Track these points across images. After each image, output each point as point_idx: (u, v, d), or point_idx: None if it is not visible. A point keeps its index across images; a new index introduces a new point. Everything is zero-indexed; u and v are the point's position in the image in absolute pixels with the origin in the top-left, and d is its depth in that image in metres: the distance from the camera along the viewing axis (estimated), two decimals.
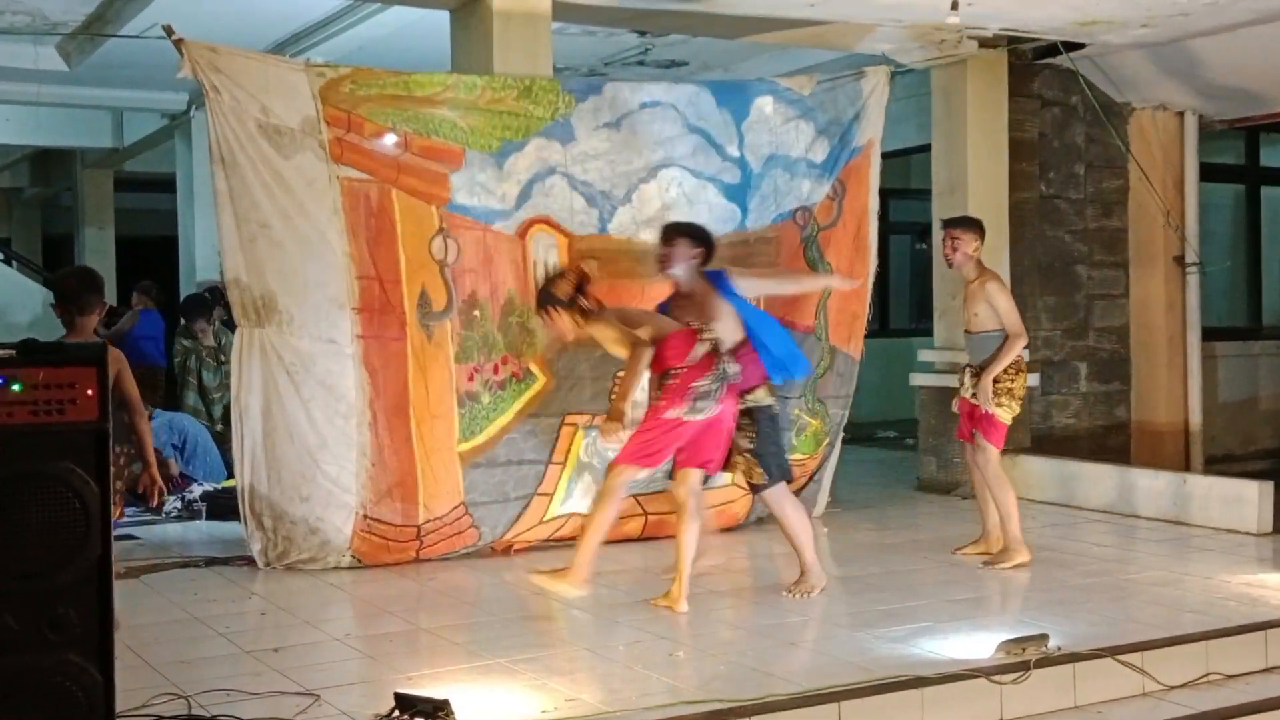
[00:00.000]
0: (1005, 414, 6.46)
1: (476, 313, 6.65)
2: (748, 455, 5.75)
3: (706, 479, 5.84)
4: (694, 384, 5.43)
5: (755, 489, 5.96)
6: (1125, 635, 5.07)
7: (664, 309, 5.81)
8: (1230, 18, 7.97)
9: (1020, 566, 6.37)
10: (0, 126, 13.31)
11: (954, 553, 6.80)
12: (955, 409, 6.91)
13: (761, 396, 5.76)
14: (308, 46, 8.91)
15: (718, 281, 5.76)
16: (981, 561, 6.44)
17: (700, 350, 5.48)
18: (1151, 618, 5.43)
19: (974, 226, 6.62)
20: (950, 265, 6.65)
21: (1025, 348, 6.60)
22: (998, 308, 6.44)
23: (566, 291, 5.51)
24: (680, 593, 5.56)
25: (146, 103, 11.71)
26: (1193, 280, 9.73)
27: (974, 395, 6.52)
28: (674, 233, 5.84)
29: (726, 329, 5.60)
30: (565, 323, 5.55)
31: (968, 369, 6.67)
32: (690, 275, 5.73)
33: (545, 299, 5.60)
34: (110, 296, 13.76)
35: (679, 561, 5.59)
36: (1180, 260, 9.76)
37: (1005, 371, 6.44)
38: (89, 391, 3.43)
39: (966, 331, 6.64)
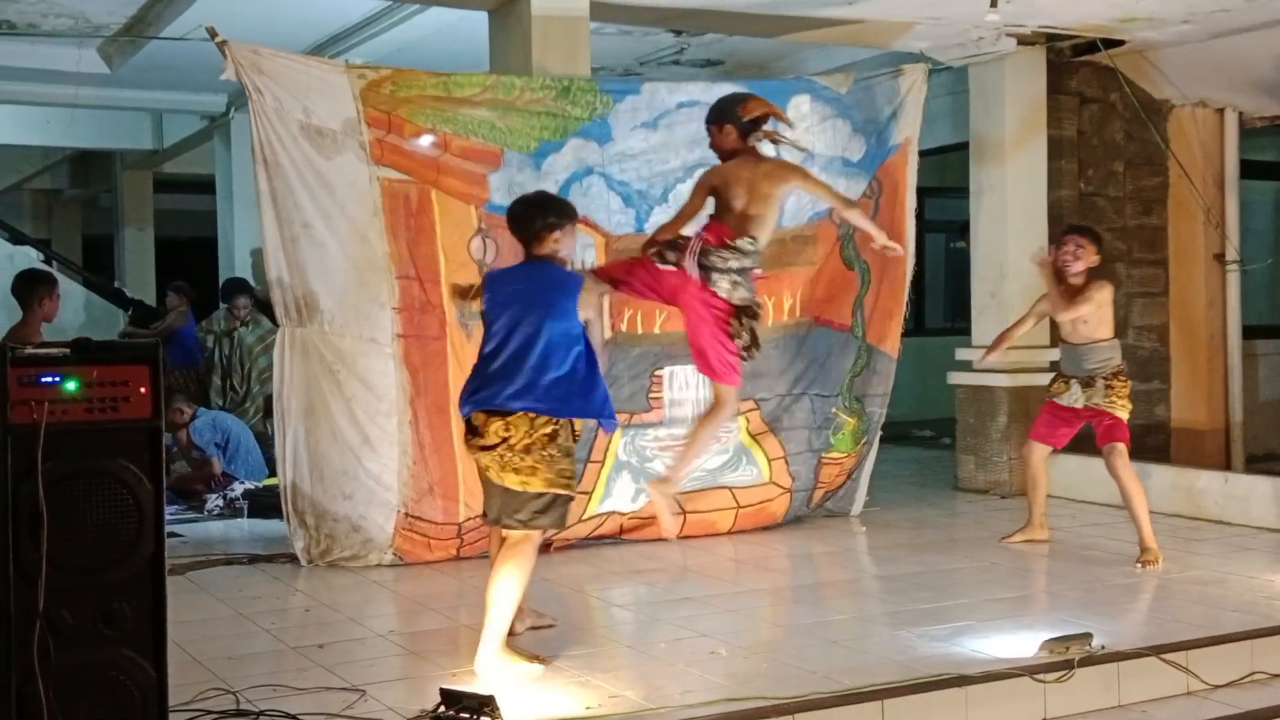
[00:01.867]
0: (1126, 414, 6.55)
1: None
2: None
3: None
4: None
5: None
6: (1169, 634, 5.04)
7: None
8: (1272, 13, 7.90)
9: (1158, 565, 6.35)
10: (41, 128, 13.45)
11: (1002, 541, 6.85)
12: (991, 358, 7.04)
13: None
14: (347, 48, 8.96)
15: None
16: (1136, 563, 6.37)
17: None
18: (1195, 617, 5.40)
19: (1099, 239, 6.66)
20: (1067, 274, 6.56)
21: (1115, 355, 6.65)
22: (1098, 298, 6.43)
23: None
24: None
25: (186, 105, 11.79)
26: (1233, 278, 9.65)
27: (1102, 404, 6.53)
28: None
29: None
30: None
31: (1072, 380, 6.63)
32: None
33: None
34: (149, 297, 13.98)
35: None
36: (1221, 258, 9.69)
37: (1118, 379, 6.54)
38: (142, 389, 3.49)
39: (1065, 342, 6.66)
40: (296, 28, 8.68)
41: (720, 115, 5.51)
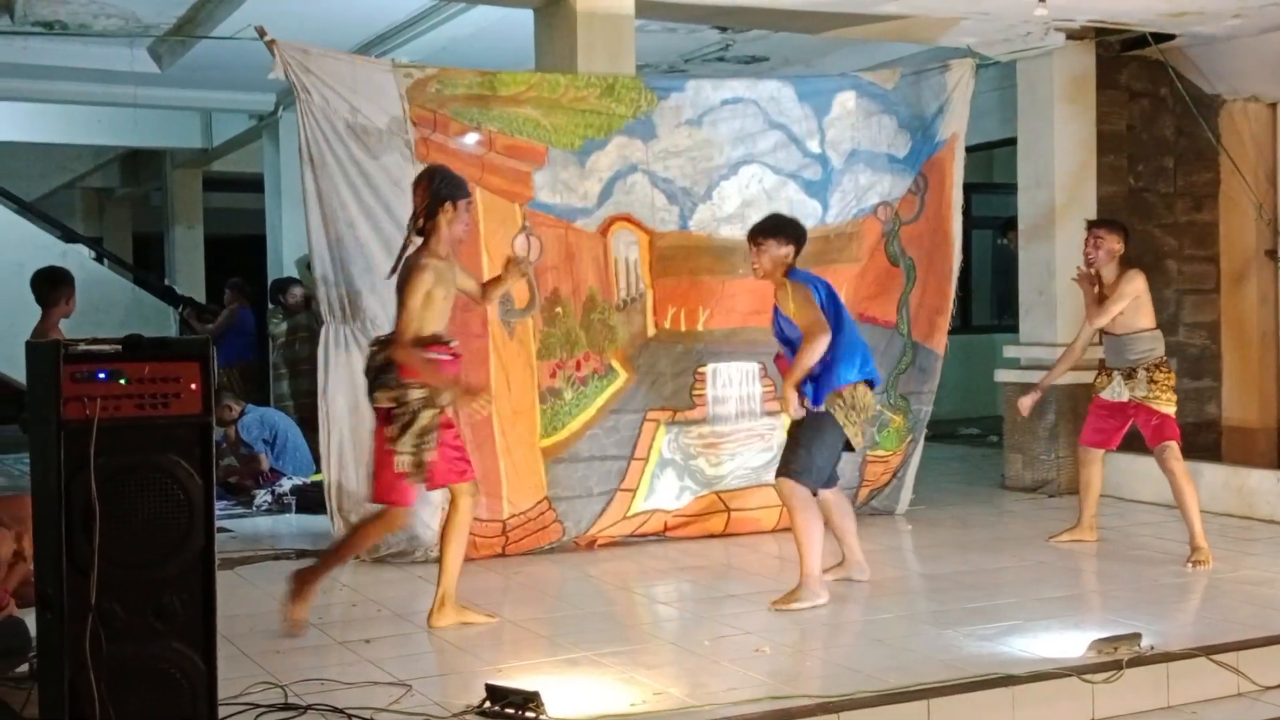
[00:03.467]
0: (1172, 408, 6.50)
1: (559, 310, 6.70)
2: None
3: None
4: None
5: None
6: (1219, 635, 4.98)
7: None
8: None
9: (1209, 565, 6.29)
10: (93, 128, 13.63)
11: (1049, 540, 6.82)
12: (1024, 406, 6.91)
13: None
14: (393, 47, 9.02)
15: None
16: (1187, 563, 6.31)
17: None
18: (1247, 617, 5.33)
19: (1118, 227, 6.65)
20: (1090, 264, 6.59)
21: (1157, 346, 6.58)
22: (1120, 290, 6.40)
23: None
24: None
25: (235, 104, 11.91)
26: None
27: (1146, 399, 6.47)
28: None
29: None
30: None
31: (1114, 371, 6.59)
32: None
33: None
34: (199, 294, 14.14)
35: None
36: (1273, 254, 9.55)
37: (1160, 370, 6.48)
38: (193, 385, 3.54)
39: (1107, 333, 6.60)
40: (344, 27, 8.75)
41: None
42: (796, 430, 5.66)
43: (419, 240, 5.19)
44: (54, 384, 3.41)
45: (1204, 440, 9.37)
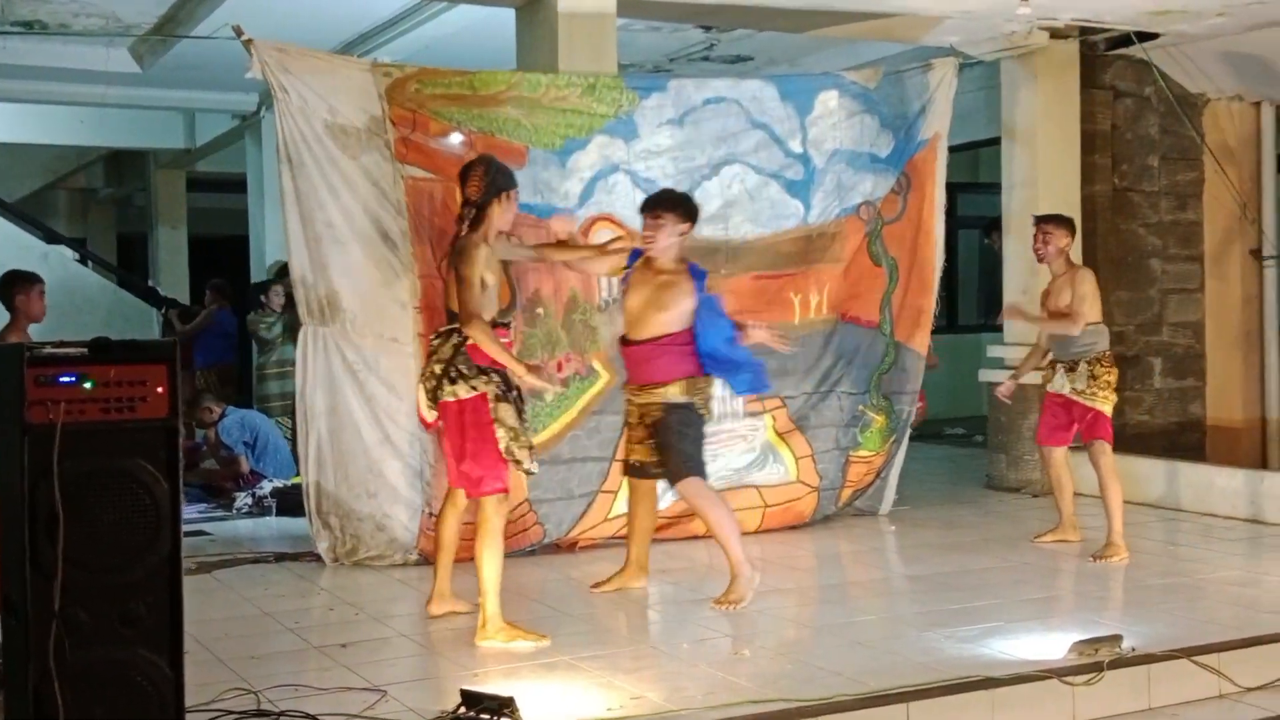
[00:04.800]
0: (1108, 406, 6.53)
1: (540, 310, 6.66)
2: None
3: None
4: None
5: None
6: (1201, 636, 4.96)
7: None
8: None
9: (1122, 560, 6.35)
10: (75, 128, 13.54)
11: (1033, 540, 6.84)
12: (1002, 393, 7.00)
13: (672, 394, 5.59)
14: (374, 46, 8.97)
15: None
16: (1092, 557, 6.37)
17: None
18: (1228, 618, 5.32)
19: (1065, 222, 6.71)
20: (1040, 260, 6.71)
21: (1100, 340, 6.61)
22: (1077, 291, 6.46)
23: None
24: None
25: (217, 104, 11.84)
26: (1270, 274, 9.53)
27: (1072, 391, 6.53)
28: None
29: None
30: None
31: (1059, 365, 6.63)
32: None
33: None
34: (183, 295, 14.05)
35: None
36: (1257, 253, 9.56)
37: (1101, 365, 6.53)
38: (159, 389, 3.49)
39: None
40: (325, 27, 8.69)
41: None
42: (659, 435, 5.58)
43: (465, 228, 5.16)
44: (18, 387, 3.36)
45: (1188, 440, 9.37)
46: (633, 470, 5.82)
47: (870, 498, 7.79)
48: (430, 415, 5.17)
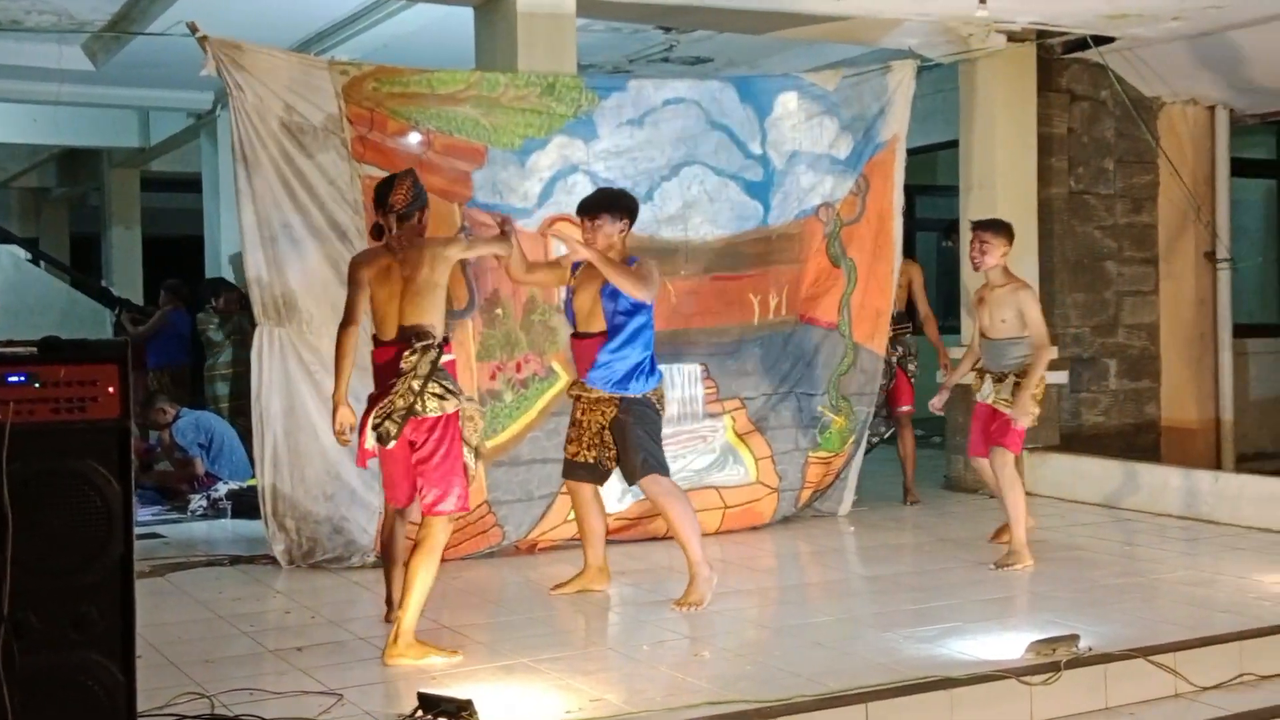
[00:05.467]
0: (1027, 420, 6.36)
1: (499, 311, 6.63)
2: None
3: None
4: None
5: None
6: (1157, 636, 5.00)
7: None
8: (1262, 10, 7.88)
9: (1025, 569, 6.29)
10: (28, 126, 13.37)
11: (990, 540, 6.84)
12: (935, 406, 6.82)
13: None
14: (332, 45, 8.91)
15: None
16: (994, 564, 6.36)
17: None
18: (1184, 618, 5.35)
19: (1004, 230, 6.51)
20: (976, 268, 6.54)
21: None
22: (1029, 318, 6.35)
23: None
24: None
25: (172, 102, 11.72)
26: (1224, 276, 9.62)
27: (997, 401, 6.43)
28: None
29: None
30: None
31: (987, 374, 6.56)
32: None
33: None
34: (137, 296, 13.89)
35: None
36: (1211, 256, 9.66)
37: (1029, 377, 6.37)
38: (110, 389, 3.43)
39: (985, 336, 6.53)
40: (282, 24, 8.62)
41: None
42: (621, 434, 5.56)
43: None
44: None
45: (1143, 441, 9.45)
46: (579, 471, 5.74)
47: (829, 499, 7.81)
48: (372, 443, 4.91)
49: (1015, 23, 8.27)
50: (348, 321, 4.99)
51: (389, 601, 5.33)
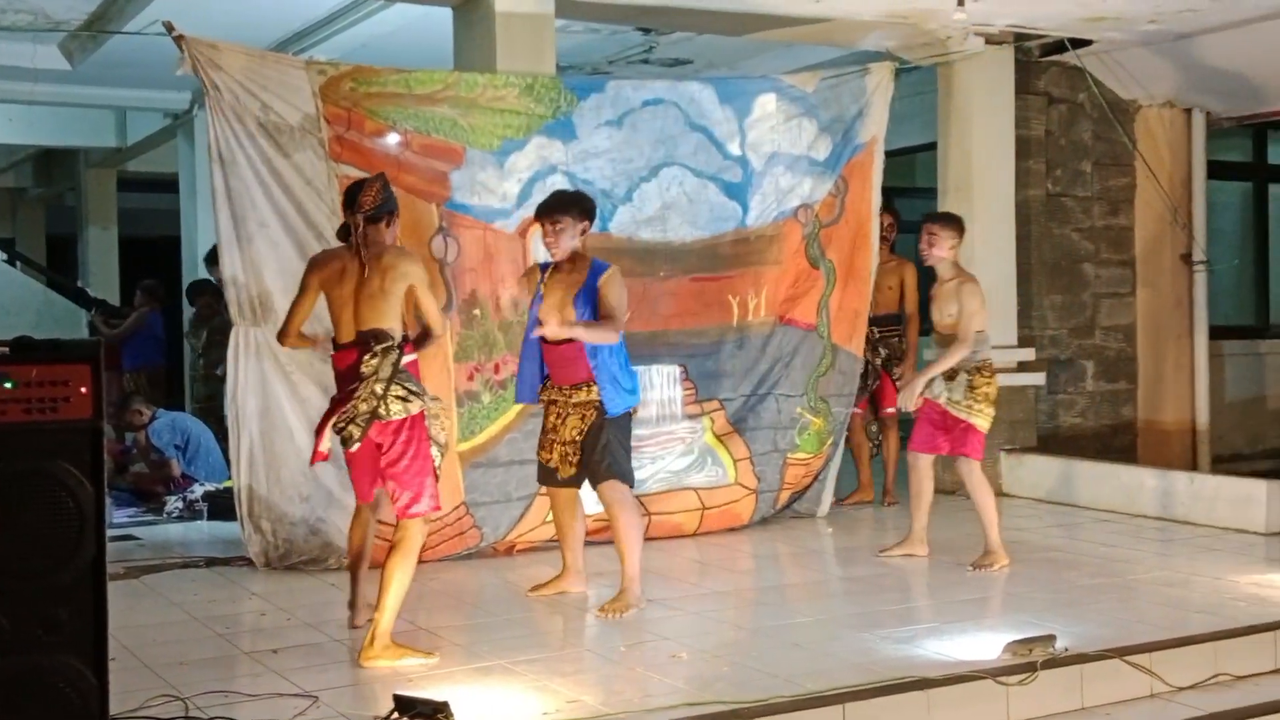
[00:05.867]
0: (983, 421, 6.29)
1: (476, 311, 6.61)
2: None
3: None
4: None
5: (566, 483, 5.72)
6: (1133, 636, 5.02)
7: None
8: (1239, 13, 7.92)
9: (1002, 569, 6.29)
10: (3, 126, 13.26)
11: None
12: (911, 408, 6.55)
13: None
14: (310, 44, 8.87)
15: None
16: (971, 565, 6.35)
17: None
18: (1159, 619, 5.38)
19: (953, 224, 6.42)
20: (925, 261, 6.47)
21: (981, 349, 6.36)
22: (964, 309, 6.21)
23: None
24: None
25: (149, 102, 11.65)
26: (1200, 278, 9.66)
27: (949, 403, 6.34)
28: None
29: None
30: None
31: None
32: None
33: None
34: (113, 297, 13.82)
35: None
36: (1187, 258, 9.70)
37: (981, 375, 6.29)
38: (83, 389, 3.41)
39: (937, 332, 6.43)
40: (259, 24, 8.58)
41: None
42: (595, 436, 5.51)
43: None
44: None
45: (1120, 442, 9.50)
46: (554, 477, 5.69)
47: (808, 500, 7.81)
48: (328, 445, 4.92)
49: (993, 25, 8.30)
50: (282, 334, 5.18)
51: (352, 605, 5.29)
